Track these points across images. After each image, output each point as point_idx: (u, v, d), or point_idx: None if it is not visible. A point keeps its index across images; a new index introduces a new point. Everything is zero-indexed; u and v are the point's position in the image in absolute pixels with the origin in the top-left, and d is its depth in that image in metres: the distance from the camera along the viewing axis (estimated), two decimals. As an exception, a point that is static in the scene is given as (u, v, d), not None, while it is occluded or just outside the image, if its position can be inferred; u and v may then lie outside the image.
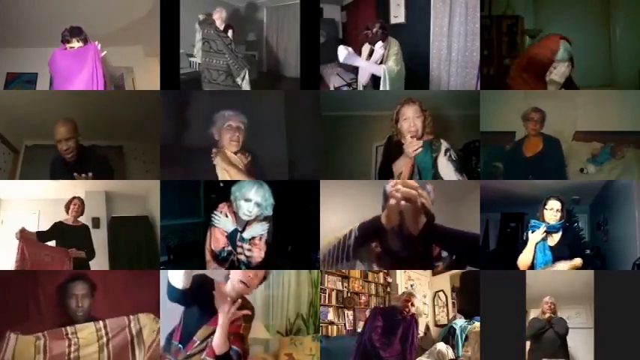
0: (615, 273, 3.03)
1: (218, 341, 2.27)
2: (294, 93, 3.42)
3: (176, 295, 2.34)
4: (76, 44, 3.05)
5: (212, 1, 3.73)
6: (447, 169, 2.91)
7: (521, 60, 3.17)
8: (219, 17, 3.58)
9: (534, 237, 2.77)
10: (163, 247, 3.13)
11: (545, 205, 2.82)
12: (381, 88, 3.21)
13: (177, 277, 2.31)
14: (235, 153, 3.00)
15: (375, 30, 3.23)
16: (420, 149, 2.91)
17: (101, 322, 2.58)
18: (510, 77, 3.12)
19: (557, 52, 2.91)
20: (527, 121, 3.14)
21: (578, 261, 2.74)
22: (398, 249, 2.25)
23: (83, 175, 2.92)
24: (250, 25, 4.54)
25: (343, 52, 3.19)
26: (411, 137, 2.93)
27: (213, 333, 2.30)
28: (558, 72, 2.92)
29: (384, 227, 2.19)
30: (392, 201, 2.11)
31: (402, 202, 2.10)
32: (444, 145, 2.96)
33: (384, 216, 2.20)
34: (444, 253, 2.38)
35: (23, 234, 2.99)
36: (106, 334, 2.55)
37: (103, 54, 3.06)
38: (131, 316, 2.63)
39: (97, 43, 3.05)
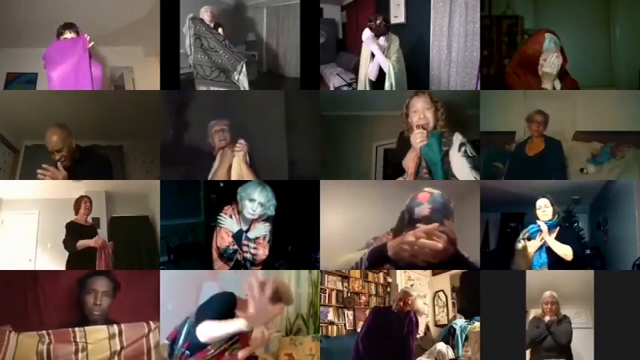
0: (615, 273, 3.03)
1: (247, 355, 2.27)
2: (294, 93, 3.42)
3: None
4: (68, 35, 3.15)
5: (212, 1, 3.73)
6: (461, 167, 2.80)
7: (514, 58, 3.22)
8: (208, 16, 3.56)
9: (533, 245, 2.80)
10: (163, 247, 3.14)
11: (535, 206, 2.87)
12: (386, 83, 3.19)
13: (206, 333, 2.16)
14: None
15: (378, 22, 3.21)
16: (426, 141, 2.80)
17: (116, 327, 2.38)
18: (506, 75, 3.15)
19: (543, 43, 2.95)
20: (530, 122, 3.14)
21: (568, 250, 2.75)
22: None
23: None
24: (250, 25, 4.54)
25: (367, 33, 3.19)
26: (418, 128, 2.83)
27: (226, 342, 2.29)
28: (548, 63, 2.94)
29: (392, 258, 2.13)
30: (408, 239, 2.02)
31: (421, 241, 1.99)
32: (458, 138, 2.83)
33: (391, 248, 2.10)
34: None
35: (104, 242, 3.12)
36: (120, 342, 2.35)
37: (90, 44, 3.10)
38: (152, 324, 2.47)
39: (86, 35, 3.12)
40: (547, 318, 2.88)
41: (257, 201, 2.90)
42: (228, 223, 2.94)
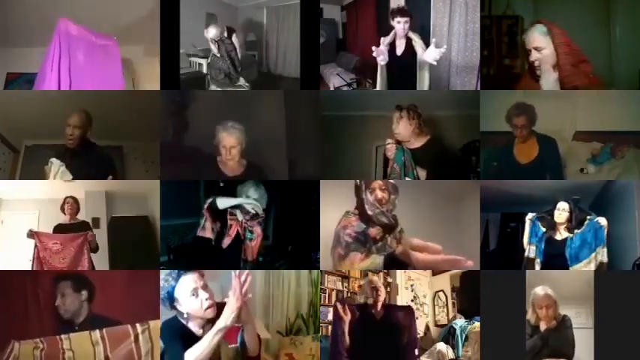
0: (615, 273, 3.03)
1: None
2: (294, 93, 3.42)
3: None
4: None
5: (212, 1, 3.73)
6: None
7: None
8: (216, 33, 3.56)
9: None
10: (163, 247, 3.13)
11: (554, 205, 2.91)
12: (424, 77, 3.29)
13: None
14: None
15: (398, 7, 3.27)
16: (394, 152, 3.10)
17: (98, 333, 2.25)
18: (563, 75, 2.95)
19: None
20: (512, 127, 3.06)
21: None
22: None
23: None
24: (250, 25, 4.54)
25: (431, 54, 3.19)
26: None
27: None
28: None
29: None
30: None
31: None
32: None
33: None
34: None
35: (35, 232, 3.09)
36: (105, 349, 2.21)
37: None
38: (138, 327, 2.29)
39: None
40: (542, 325, 2.72)
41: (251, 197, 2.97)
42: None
